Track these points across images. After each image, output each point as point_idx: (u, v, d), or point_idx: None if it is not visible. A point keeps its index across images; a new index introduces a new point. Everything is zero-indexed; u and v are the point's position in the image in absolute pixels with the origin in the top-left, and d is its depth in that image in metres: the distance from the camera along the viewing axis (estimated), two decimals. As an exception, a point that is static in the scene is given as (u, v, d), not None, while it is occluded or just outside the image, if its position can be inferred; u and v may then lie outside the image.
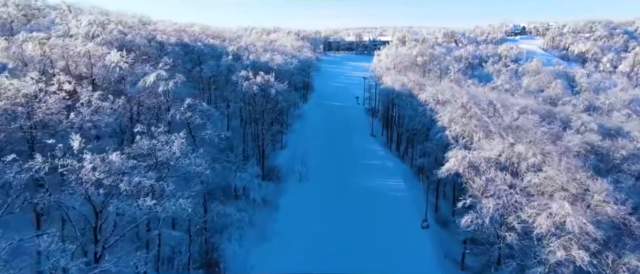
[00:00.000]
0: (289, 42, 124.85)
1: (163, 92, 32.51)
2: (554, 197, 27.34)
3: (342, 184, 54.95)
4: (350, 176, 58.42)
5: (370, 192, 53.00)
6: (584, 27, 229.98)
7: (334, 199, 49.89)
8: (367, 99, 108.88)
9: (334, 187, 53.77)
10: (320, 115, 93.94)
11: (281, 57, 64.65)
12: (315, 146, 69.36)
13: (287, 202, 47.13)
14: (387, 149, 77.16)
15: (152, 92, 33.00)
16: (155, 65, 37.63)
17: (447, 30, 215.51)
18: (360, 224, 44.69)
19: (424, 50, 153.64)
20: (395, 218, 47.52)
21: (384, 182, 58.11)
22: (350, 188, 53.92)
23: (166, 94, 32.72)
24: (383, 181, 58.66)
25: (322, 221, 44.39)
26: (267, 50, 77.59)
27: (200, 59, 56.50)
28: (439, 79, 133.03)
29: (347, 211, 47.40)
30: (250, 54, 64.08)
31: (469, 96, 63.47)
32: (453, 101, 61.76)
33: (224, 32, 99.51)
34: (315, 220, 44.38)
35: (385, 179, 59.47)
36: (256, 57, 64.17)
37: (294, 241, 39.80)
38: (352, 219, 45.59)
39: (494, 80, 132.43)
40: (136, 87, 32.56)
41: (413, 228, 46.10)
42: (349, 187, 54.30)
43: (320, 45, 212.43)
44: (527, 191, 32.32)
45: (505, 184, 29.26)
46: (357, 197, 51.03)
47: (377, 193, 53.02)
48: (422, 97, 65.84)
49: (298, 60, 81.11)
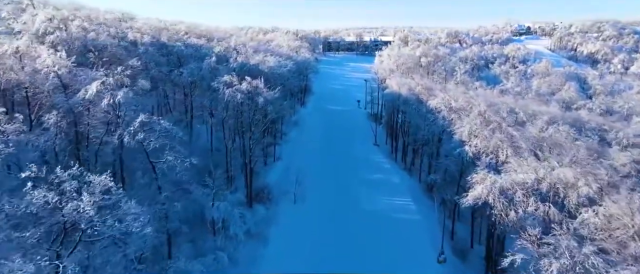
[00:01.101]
0: (286, 42, 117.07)
1: (110, 105, 24.90)
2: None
3: (343, 206, 47.53)
4: (353, 195, 51.08)
5: (375, 216, 45.53)
6: (591, 27, 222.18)
7: (333, 227, 42.43)
8: (369, 103, 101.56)
9: (333, 210, 46.34)
10: (319, 121, 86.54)
11: (274, 59, 56.95)
12: (313, 158, 61.96)
13: (279, 233, 39.66)
14: (391, 160, 69.74)
15: (96, 105, 25.42)
16: (109, 70, 29.79)
17: (450, 30, 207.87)
18: (365, 258, 37.34)
19: (427, 51, 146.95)
20: (405, 249, 40.08)
21: (391, 202, 50.73)
22: (352, 211, 46.48)
23: (115, 109, 25.15)
24: (389, 200, 51.26)
25: (319, 256, 36.98)
26: (259, 51, 69.74)
27: (180, 61, 49.14)
28: (444, 81, 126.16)
29: (350, 241, 39.97)
30: (238, 55, 56.46)
31: (487, 102, 56.12)
32: (468, 108, 54.42)
33: (214, 31, 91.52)
34: (311, 255, 36.98)
35: (392, 198, 52.09)
36: (245, 59, 56.54)
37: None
38: (355, 252, 38.18)
39: (503, 82, 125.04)
40: (74, 100, 24.98)
41: (427, 262, 38.76)
42: (350, 210, 46.87)
43: (319, 45, 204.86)
44: (580, 234, 24.84)
45: (568, 236, 21.63)
46: (360, 223, 43.58)
47: (383, 217, 45.56)
48: (433, 104, 58.37)
49: (294, 61, 73.28)
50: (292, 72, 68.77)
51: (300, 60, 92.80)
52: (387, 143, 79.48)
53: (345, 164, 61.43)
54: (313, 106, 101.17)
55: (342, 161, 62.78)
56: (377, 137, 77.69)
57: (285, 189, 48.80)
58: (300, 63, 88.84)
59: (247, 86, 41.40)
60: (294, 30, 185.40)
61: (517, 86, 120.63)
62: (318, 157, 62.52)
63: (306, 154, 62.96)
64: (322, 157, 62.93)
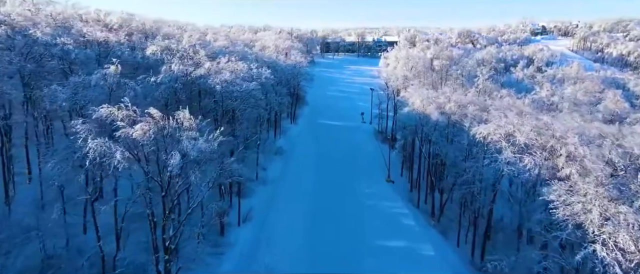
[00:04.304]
0: (273, 42, 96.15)
1: None
2: None
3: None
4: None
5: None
6: (615, 26, 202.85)
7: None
8: (376, 117, 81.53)
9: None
10: (312, 145, 66.26)
11: (231, 75, 35.01)
12: (301, 212, 41.79)
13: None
14: (413, 206, 49.56)
15: None
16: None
17: (462, 30, 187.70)
18: None
19: (439, 53, 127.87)
20: None
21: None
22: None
23: None
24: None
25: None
26: (225, 53, 47.89)
27: (71, 69, 29.10)
28: (462, 88, 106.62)
29: None
30: (174, 64, 35.02)
31: (569, 130, 35.83)
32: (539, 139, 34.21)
33: (164, 27, 69.67)
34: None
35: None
36: (182, 70, 35.44)
37: None
38: None
39: (536, 90, 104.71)
40: None
41: None
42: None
43: (316, 46, 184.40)
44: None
45: None
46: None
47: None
48: (481, 135, 38.08)
49: (273, 71, 51.52)
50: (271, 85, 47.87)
51: (288, 66, 72.10)
52: (404, 176, 59.45)
53: (347, 223, 41.18)
54: (306, 121, 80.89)
55: (342, 215, 42.53)
56: (390, 166, 57.60)
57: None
58: (287, 70, 68.24)
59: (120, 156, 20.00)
60: (289, 28, 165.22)
61: (553, 94, 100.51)
62: (307, 212, 42.31)
63: (290, 207, 42.69)
64: (313, 211, 42.74)
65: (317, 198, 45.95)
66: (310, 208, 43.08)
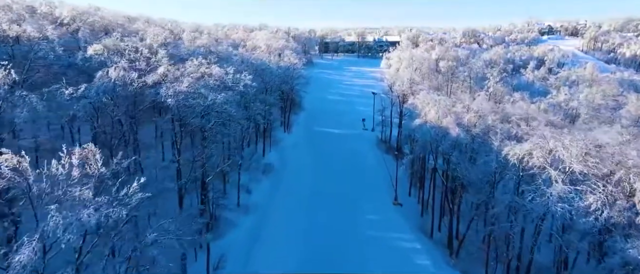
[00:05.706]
0: (265, 41, 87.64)
1: None
2: None
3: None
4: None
5: None
6: (626, 25, 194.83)
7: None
8: (379, 124, 73.44)
9: None
10: (308, 159, 58.01)
11: (192, 84, 26.03)
12: (292, 253, 33.58)
13: None
14: (426, 238, 41.39)
15: None
16: None
17: (467, 29, 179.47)
18: None
19: (445, 53, 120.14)
20: None
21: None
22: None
23: None
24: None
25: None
26: (189, 57, 37.29)
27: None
28: (470, 91, 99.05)
29: None
30: (113, 69, 26.24)
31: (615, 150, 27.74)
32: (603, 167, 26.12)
33: (129, 22, 60.51)
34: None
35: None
36: (122, 77, 26.89)
37: None
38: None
39: (552, 93, 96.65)
40: None
41: None
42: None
43: (314, 46, 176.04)
44: None
45: None
46: None
47: None
48: (515, 156, 29.89)
49: (261, 74, 43.09)
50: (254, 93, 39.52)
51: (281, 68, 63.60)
52: (412, 195, 51.40)
53: (348, 265, 33.03)
54: (301, 130, 72.67)
55: (342, 255, 34.38)
56: (396, 184, 49.50)
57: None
58: (279, 73, 59.63)
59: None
60: (286, 28, 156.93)
61: (571, 98, 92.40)
62: (299, 252, 34.10)
63: (278, 248, 34.51)
64: (306, 250, 34.53)
65: (311, 232, 37.76)
66: (302, 247, 34.97)
